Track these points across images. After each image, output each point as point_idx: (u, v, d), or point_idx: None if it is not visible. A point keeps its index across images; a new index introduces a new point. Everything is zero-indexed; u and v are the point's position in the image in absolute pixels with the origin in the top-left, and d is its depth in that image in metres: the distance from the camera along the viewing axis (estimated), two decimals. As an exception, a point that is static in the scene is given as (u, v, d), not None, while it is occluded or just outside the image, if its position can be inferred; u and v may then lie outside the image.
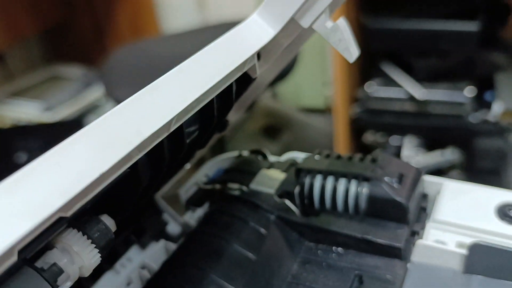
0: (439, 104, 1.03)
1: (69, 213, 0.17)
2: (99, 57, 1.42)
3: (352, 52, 0.25)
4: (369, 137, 1.15)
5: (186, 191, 0.39)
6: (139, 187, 0.24)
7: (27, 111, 1.20)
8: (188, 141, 0.27)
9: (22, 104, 1.22)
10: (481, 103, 1.04)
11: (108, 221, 0.21)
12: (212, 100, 0.26)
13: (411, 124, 1.07)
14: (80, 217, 0.20)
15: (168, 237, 0.38)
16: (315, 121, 1.40)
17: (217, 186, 0.37)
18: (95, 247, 0.21)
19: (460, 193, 0.32)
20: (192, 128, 0.28)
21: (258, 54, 0.29)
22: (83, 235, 0.20)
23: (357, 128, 1.15)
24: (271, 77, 0.36)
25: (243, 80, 0.30)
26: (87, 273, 0.21)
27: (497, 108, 1.03)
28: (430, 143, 1.10)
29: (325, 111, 1.50)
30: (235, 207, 0.34)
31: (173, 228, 0.38)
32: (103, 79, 0.92)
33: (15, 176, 0.16)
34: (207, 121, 0.28)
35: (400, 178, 0.32)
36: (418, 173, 0.33)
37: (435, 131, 1.06)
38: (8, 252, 0.15)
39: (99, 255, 0.21)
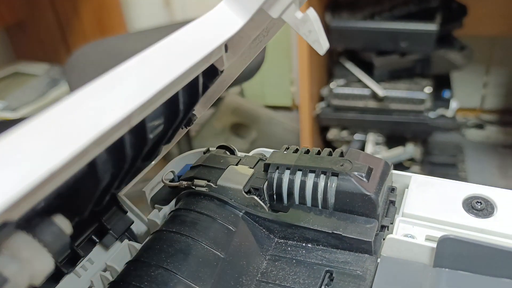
0: (400, 101, 1.06)
1: (15, 217, 0.16)
2: (63, 56, 1.37)
3: (323, 43, 0.25)
4: (334, 134, 1.16)
5: (152, 188, 0.38)
6: (98, 186, 0.22)
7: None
8: (151, 136, 0.26)
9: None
10: (439, 100, 1.08)
11: (63, 223, 0.19)
12: (177, 93, 0.25)
13: (374, 121, 1.09)
14: (30, 218, 0.18)
15: (133, 237, 0.36)
16: (282, 118, 1.40)
17: (184, 183, 0.35)
18: (47, 252, 0.18)
19: (428, 187, 0.33)
20: (156, 122, 0.26)
21: (226, 46, 0.28)
22: (34, 239, 0.18)
23: (322, 125, 1.16)
24: (238, 71, 0.35)
25: (210, 73, 0.29)
26: (38, 281, 0.18)
27: (454, 105, 1.06)
28: (392, 139, 1.12)
29: (291, 109, 1.51)
30: (202, 204, 0.33)
31: (138, 227, 0.37)
32: (67, 76, 0.89)
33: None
34: (172, 115, 0.27)
35: (369, 172, 0.32)
36: (387, 167, 0.33)
37: (396, 127, 1.08)
38: None
39: (53, 261, 0.19)
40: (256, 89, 1.50)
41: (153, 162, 0.38)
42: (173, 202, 0.36)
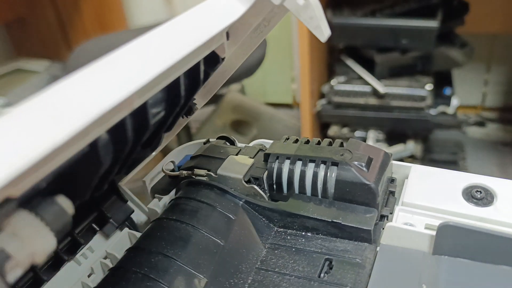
0: (400, 98, 1.06)
1: (18, 193, 0.16)
2: (64, 53, 1.38)
3: (324, 30, 0.25)
4: (334, 131, 1.16)
5: (152, 178, 0.38)
6: (99, 168, 0.22)
7: (-14, 107, 1.14)
8: (152, 122, 0.26)
9: (-18, 100, 1.16)
10: (440, 97, 1.08)
11: (65, 203, 0.19)
12: (178, 78, 0.25)
13: (374, 118, 1.09)
14: (32, 197, 0.18)
15: (133, 226, 0.36)
16: (283, 115, 1.40)
17: (184, 173, 0.36)
18: (49, 230, 0.18)
19: (427, 176, 0.33)
20: (157, 108, 0.26)
21: (227, 33, 0.28)
22: (36, 217, 0.18)
23: (322, 122, 1.16)
24: (239, 61, 0.35)
25: (211, 60, 0.29)
26: (40, 259, 0.18)
27: (455, 102, 1.06)
28: (392, 136, 1.12)
29: (292, 106, 1.51)
30: (202, 192, 0.33)
31: (138, 216, 0.37)
32: (68, 73, 0.89)
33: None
34: (173, 101, 0.27)
35: (369, 162, 0.32)
36: (387, 157, 0.33)
37: (397, 124, 1.08)
38: None
39: (55, 239, 0.19)
40: (257, 87, 1.50)
41: (153, 153, 0.38)
42: (173, 192, 0.36)
